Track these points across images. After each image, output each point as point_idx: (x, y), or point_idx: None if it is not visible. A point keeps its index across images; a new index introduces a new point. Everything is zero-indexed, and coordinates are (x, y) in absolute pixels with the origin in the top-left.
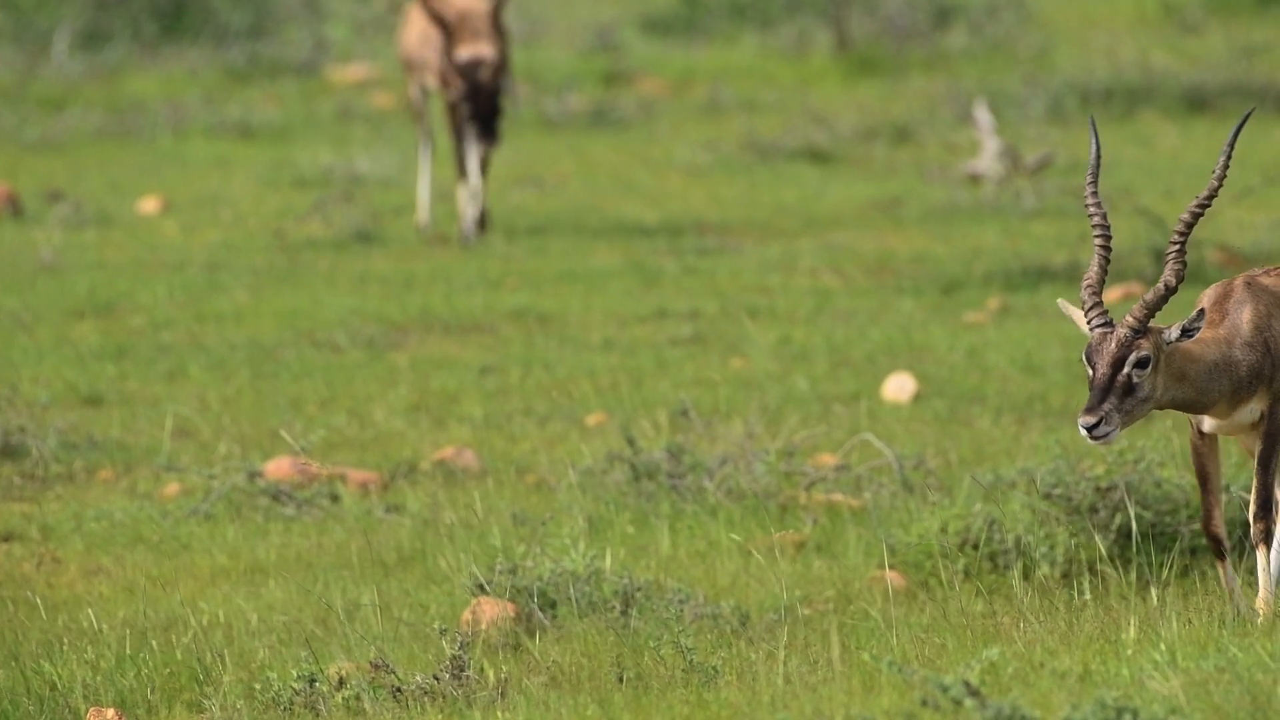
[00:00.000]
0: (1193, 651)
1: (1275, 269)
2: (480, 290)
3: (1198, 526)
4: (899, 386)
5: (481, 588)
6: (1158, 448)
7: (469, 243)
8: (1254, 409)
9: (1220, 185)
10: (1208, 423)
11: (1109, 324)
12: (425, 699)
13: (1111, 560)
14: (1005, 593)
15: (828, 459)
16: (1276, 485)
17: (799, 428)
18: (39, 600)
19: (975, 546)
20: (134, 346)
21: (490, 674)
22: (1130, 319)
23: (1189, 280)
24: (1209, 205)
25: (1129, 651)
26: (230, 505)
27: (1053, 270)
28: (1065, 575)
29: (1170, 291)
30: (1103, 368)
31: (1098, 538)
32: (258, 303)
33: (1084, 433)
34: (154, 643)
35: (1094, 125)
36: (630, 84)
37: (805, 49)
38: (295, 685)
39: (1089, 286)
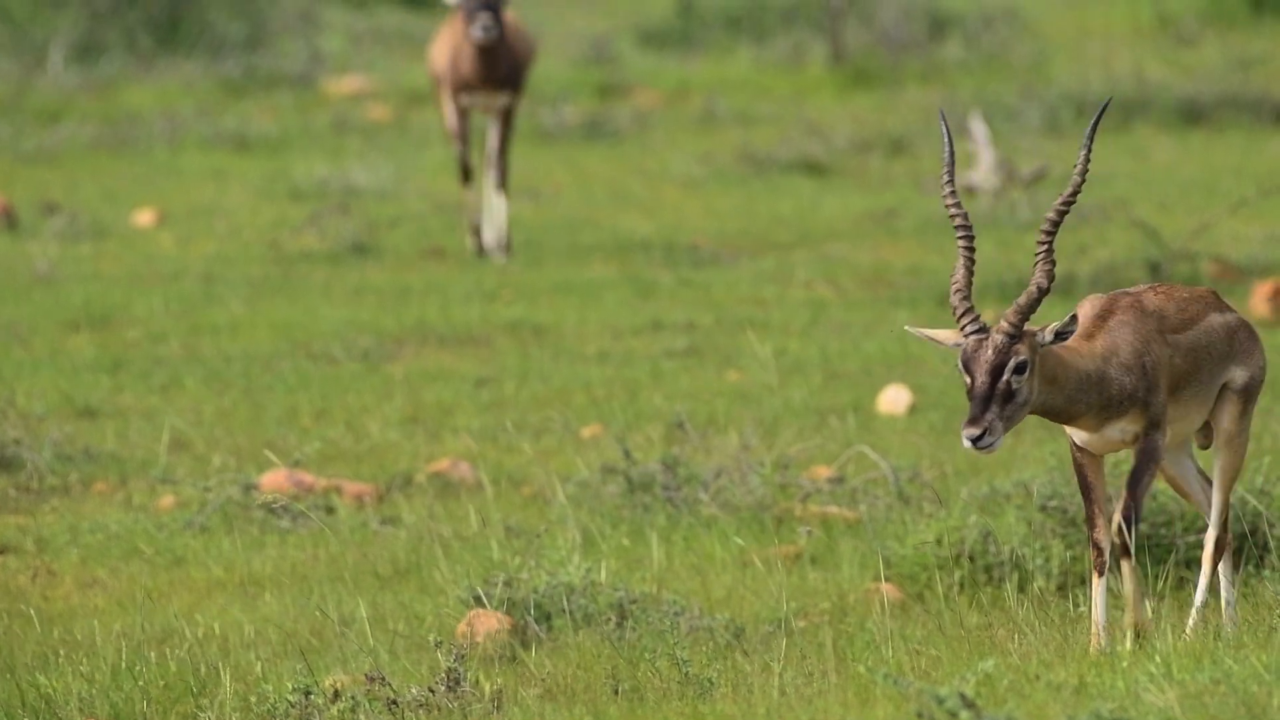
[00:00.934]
0: (1188, 664)
1: (1164, 286)
2: (476, 302)
3: (1194, 538)
4: (894, 398)
5: (477, 600)
6: None
7: (495, 259)
8: (1126, 429)
9: (1083, 180)
10: (1078, 435)
11: (983, 329)
12: (421, 711)
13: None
14: (1001, 605)
15: (823, 471)
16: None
17: (794, 440)
18: (34, 613)
19: (971, 559)
20: (129, 358)
21: (486, 686)
22: (1005, 324)
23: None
24: (1073, 202)
25: (1124, 664)
26: (225, 518)
27: None
28: (1060, 587)
29: (1043, 293)
30: (981, 376)
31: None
32: (253, 315)
33: (968, 444)
34: (149, 655)
35: (944, 118)
36: (625, 96)
37: (800, 61)
38: (291, 697)
39: (958, 291)
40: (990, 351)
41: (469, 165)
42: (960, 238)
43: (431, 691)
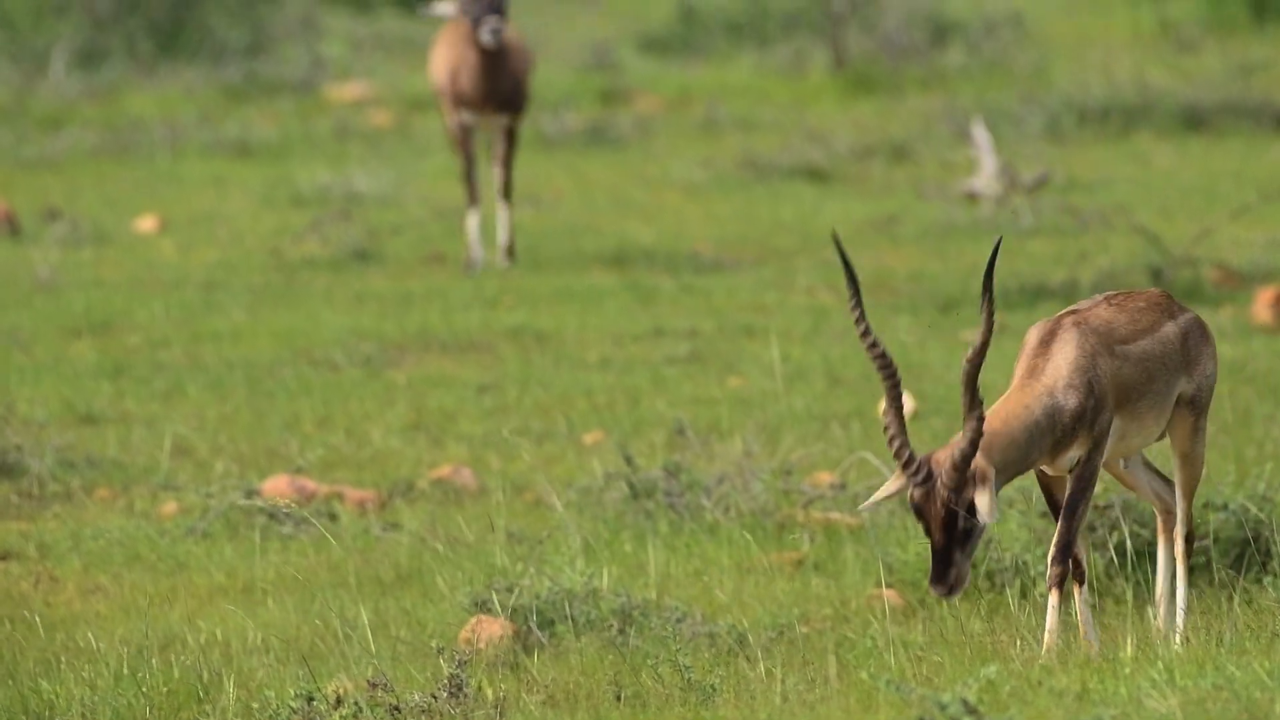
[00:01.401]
0: (1190, 670)
1: (1119, 296)
2: (477, 309)
3: (1195, 545)
4: None
5: (480, 606)
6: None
7: (498, 264)
8: (1073, 456)
9: (990, 334)
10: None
11: (928, 479)
12: (423, 717)
13: (1109, 578)
14: (1003, 611)
15: (825, 477)
16: (1081, 536)
17: (796, 446)
18: (37, 619)
19: (973, 565)
20: (131, 365)
21: (488, 693)
22: (946, 479)
23: (1187, 298)
24: (984, 356)
25: (1127, 670)
26: (228, 524)
27: (1050, 289)
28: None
29: (975, 449)
30: (938, 535)
31: (1095, 556)
32: (255, 321)
33: (936, 596)
34: (152, 661)
35: (838, 241)
36: (627, 102)
37: (802, 67)
38: (293, 704)
39: (894, 437)
40: (939, 506)
41: (475, 189)
42: (885, 379)
43: (434, 698)
